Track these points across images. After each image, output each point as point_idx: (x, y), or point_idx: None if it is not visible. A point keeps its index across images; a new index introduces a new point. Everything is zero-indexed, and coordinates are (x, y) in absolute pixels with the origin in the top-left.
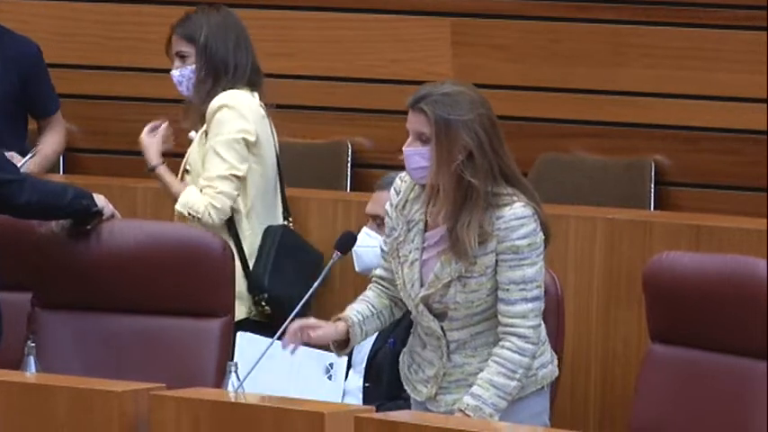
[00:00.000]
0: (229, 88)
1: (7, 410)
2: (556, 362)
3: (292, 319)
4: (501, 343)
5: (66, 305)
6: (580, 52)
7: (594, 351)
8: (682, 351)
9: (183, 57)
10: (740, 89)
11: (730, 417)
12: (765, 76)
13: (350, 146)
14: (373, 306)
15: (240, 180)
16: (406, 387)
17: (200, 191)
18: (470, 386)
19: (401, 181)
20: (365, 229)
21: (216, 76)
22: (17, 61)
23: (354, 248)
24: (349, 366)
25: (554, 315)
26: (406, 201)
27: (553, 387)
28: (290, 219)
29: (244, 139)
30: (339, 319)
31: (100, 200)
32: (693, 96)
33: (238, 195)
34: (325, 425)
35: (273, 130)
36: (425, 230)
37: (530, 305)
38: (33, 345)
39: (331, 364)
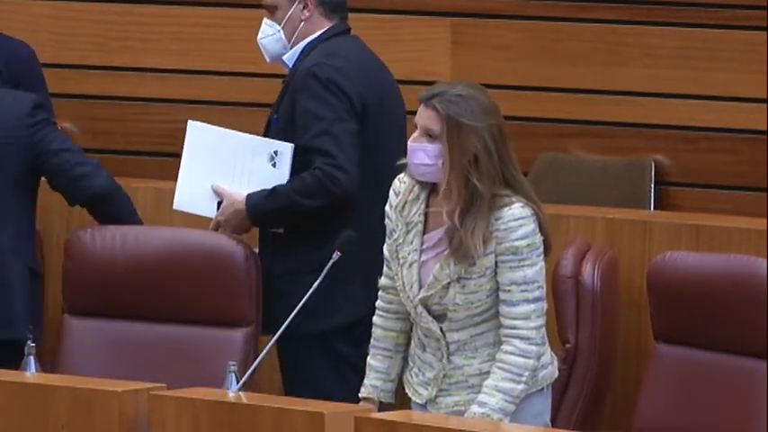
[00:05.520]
0: None
1: (7, 410)
2: (556, 363)
3: (292, 319)
4: (503, 347)
5: (93, 312)
6: (580, 52)
7: None
8: (686, 351)
9: None
10: (740, 89)
11: (734, 416)
12: (765, 76)
13: None
14: (386, 350)
15: None
16: (406, 390)
17: None
18: (471, 387)
19: (400, 182)
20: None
21: None
22: (8, 65)
23: None
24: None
25: (589, 311)
26: (405, 202)
27: (554, 387)
28: None
29: None
30: (364, 399)
31: None
32: (693, 96)
33: None
34: (325, 425)
35: None
36: (424, 232)
37: (532, 306)
38: (33, 345)
39: (276, 152)
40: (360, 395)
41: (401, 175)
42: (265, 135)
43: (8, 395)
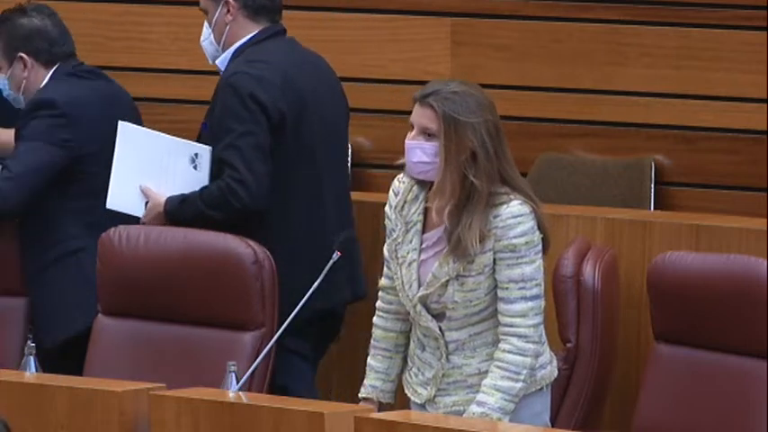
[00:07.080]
0: None
1: (7, 410)
2: (555, 362)
3: (293, 318)
4: (501, 346)
5: (120, 312)
6: (580, 52)
7: None
8: (686, 351)
9: None
10: (740, 89)
11: (733, 416)
12: (765, 76)
13: (350, 146)
14: (386, 350)
15: None
16: (406, 390)
17: None
18: (470, 387)
19: (399, 182)
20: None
21: None
22: None
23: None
24: None
25: (590, 311)
26: (405, 202)
27: (553, 386)
28: None
29: None
30: (364, 399)
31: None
32: (693, 96)
33: None
34: (325, 425)
35: None
36: (423, 231)
37: (530, 303)
38: (33, 344)
39: (196, 154)
40: (359, 395)
41: (400, 176)
42: (198, 141)
43: (8, 395)
